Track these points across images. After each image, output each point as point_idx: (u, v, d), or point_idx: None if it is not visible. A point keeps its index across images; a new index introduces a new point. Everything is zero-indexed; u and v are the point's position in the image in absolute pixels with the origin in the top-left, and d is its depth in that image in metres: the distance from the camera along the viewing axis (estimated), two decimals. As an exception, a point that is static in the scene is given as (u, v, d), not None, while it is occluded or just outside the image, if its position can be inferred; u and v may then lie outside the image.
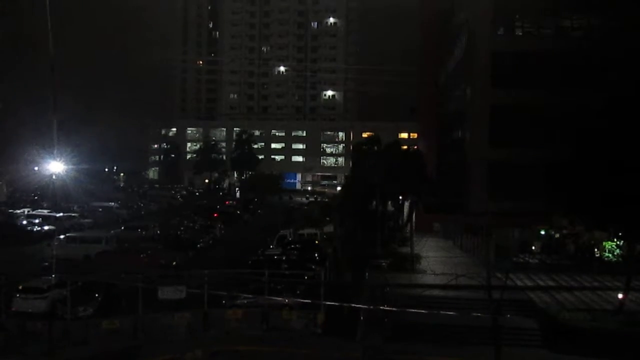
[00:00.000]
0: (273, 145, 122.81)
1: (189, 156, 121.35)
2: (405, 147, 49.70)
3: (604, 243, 32.89)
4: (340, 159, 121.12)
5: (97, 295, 25.94)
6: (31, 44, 65.30)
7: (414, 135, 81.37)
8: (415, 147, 57.23)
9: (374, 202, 40.93)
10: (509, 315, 19.45)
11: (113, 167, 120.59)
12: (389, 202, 44.92)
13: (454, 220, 42.97)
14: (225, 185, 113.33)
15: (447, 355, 22.02)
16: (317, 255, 36.60)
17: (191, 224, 53.51)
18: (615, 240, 31.28)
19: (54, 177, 40.37)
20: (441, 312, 19.57)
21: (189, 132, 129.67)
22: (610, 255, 32.40)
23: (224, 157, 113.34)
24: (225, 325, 24.94)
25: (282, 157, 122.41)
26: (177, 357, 21.71)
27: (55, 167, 29.73)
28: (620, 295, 25.16)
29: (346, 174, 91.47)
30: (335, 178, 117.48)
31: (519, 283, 29.62)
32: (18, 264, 34.11)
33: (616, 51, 30.86)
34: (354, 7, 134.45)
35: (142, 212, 67.97)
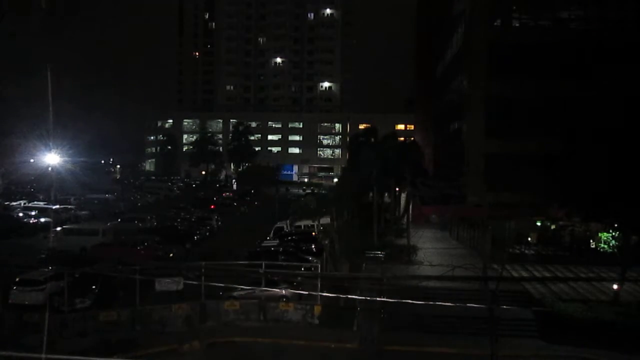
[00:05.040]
0: (270, 137, 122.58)
1: (185, 148, 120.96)
2: (401, 138, 49.77)
3: (599, 234, 33.05)
4: (337, 151, 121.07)
5: (94, 287, 25.94)
6: (27, 35, 64.83)
7: (411, 127, 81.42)
8: (412, 138, 57.26)
9: (371, 194, 40.97)
10: (505, 306, 19.51)
11: (109, 159, 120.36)
12: (386, 194, 45.01)
13: (450, 212, 43.05)
14: (222, 177, 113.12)
15: (444, 345, 22.15)
16: (314, 247, 36.66)
17: (188, 216, 53.51)
18: (610, 231, 31.40)
19: (50, 169, 40.16)
20: (437, 303, 19.64)
21: (186, 123, 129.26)
22: (605, 246, 32.51)
23: (221, 149, 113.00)
24: (223, 317, 25.04)
25: (279, 148, 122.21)
26: (174, 349, 21.78)
27: (51, 159, 29.61)
28: (615, 286, 25.30)
29: (343, 165, 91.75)
30: (332, 170, 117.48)
31: (515, 274, 29.77)
32: (15, 256, 34.04)
33: (613, 43, 30.87)
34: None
35: (139, 204, 67.88)
